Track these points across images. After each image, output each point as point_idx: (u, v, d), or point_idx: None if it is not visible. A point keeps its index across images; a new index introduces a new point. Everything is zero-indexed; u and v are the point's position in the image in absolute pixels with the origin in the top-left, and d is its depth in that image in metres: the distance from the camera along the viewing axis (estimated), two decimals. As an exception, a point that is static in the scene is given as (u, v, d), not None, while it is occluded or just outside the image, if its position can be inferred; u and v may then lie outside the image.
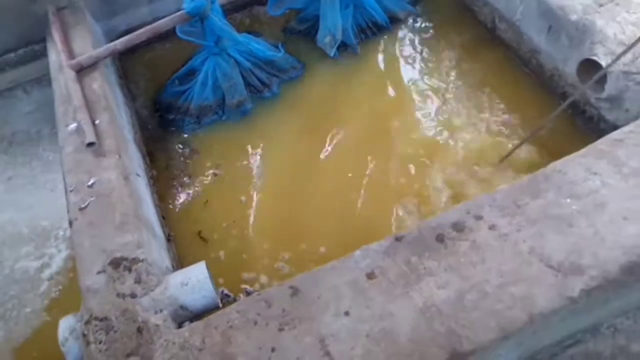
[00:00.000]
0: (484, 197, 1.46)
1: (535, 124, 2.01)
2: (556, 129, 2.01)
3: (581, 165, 1.47)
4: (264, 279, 1.87)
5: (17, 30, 2.39)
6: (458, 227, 1.40)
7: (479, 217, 1.40)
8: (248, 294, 1.83)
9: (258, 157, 2.19)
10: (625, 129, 1.55)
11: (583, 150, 1.51)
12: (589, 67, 1.82)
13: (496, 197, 1.44)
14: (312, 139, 2.18)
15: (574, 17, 1.84)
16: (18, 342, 1.83)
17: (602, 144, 1.51)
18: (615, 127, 1.82)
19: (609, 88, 1.76)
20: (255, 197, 2.07)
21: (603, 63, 1.74)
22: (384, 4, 2.41)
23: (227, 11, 2.27)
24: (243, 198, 2.08)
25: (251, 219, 2.01)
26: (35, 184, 2.24)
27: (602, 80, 1.77)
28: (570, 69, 1.94)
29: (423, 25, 2.46)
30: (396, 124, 2.16)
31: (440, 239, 1.38)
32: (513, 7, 2.14)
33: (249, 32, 2.48)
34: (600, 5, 1.84)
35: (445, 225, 1.40)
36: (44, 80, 2.27)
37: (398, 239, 1.40)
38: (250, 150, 2.24)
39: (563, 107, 1.77)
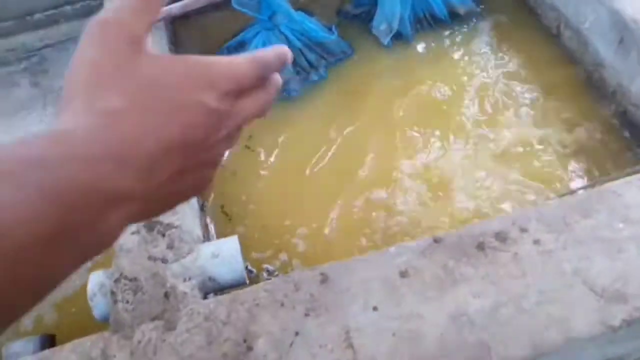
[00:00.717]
0: (531, 210, 1.40)
1: (590, 139, 1.93)
2: (609, 143, 1.92)
3: (639, 189, 1.40)
4: (284, 256, 1.85)
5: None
6: (501, 236, 1.35)
7: (524, 230, 1.35)
8: (268, 272, 1.83)
9: (294, 134, 2.16)
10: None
11: None
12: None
13: (544, 211, 1.39)
14: (352, 123, 2.14)
15: (649, 33, 1.74)
16: (59, 298, 1.87)
17: (665, 170, 1.44)
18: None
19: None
20: (280, 175, 2.05)
21: (675, 84, 1.64)
22: (444, -3, 2.33)
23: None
24: (267, 173, 2.06)
25: (273, 195, 2.00)
26: None
27: (670, 103, 1.68)
28: (636, 87, 1.84)
29: (483, 24, 2.36)
30: (438, 120, 2.10)
31: (480, 246, 1.33)
32: (582, 15, 2.03)
33: (303, 10, 2.44)
34: (680, 23, 1.73)
35: (487, 234, 1.35)
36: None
37: (437, 240, 1.36)
38: (286, 127, 2.21)
39: None
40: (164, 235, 1.48)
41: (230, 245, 1.45)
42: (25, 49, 2.64)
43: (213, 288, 1.44)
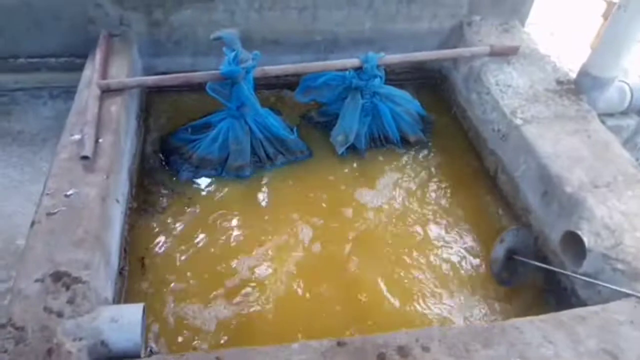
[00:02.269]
0: (436, 330, 1.43)
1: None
2: (526, 288, 2.02)
3: (539, 330, 1.46)
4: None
5: (68, 40, 2.56)
6: (403, 352, 1.36)
7: (426, 349, 1.37)
8: (151, 352, 1.71)
9: (234, 220, 2.19)
10: (592, 308, 1.56)
11: (545, 316, 1.51)
12: (573, 240, 1.86)
13: (449, 333, 1.41)
14: (290, 222, 2.20)
15: (568, 189, 1.93)
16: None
17: (565, 315, 1.51)
18: (584, 305, 1.82)
19: (587, 266, 1.78)
20: (216, 256, 2.04)
21: (585, 240, 1.79)
22: (399, 123, 2.55)
23: (258, 85, 2.42)
24: (197, 252, 2.05)
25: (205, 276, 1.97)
26: (20, 192, 2.15)
27: (582, 256, 1.81)
28: (555, 235, 1.99)
29: (429, 154, 2.58)
30: (373, 232, 2.19)
31: (381, 357, 1.33)
32: (516, 164, 2.25)
33: (271, 108, 2.62)
34: (595, 187, 1.93)
35: (391, 346, 1.36)
36: (72, 92, 2.35)
37: (340, 344, 1.36)
38: (228, 212, 2.24)
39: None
40: (68, 288, 1.43)
41: (132, 312, 1.40)
42: (-1, 87, 2.70)
43: (104, 354, 1.36)
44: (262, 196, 2.33)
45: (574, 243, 1.86)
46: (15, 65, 2.63)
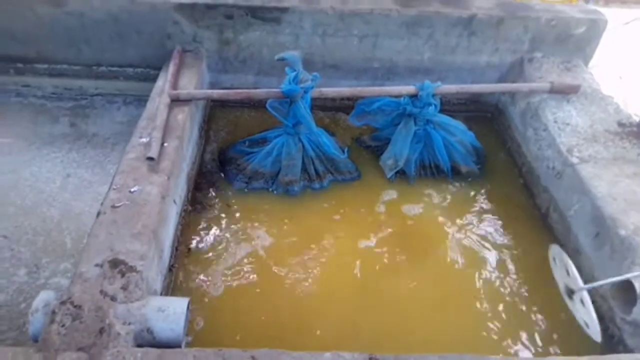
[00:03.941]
0: (468, 358, 1.41)
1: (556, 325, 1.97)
2: (572, 332, 1.94)
3: (580, 372, 1.41)
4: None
5: (145, 52, 2.79)
6: (433, 374, 1.35)
7: (457, 374, 1.36)
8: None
9: (280, 233, 2.26)
10: (637, 356, 1.49)
11: (587, 358, 1.45)
12: (624, 286, 1.79)
13: (483, 363, 1.40)
14: (336, 240, 2.24)
15: (622, 232, 1.86)
16: None
17: (608, 359, 1.45)
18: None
19: (637, 313, 1.71)
20: (256, 267, 2.12)
21: (637, 286, 1.71)
22: (451, 153, 2.56)
23: (315, 106, 2.51)
24: (245, 262, 2.13)
25: (246, 285, 2.05)
26: (89, 192, 2.31)
27: (632, 303, 1.73)
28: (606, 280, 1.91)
29: (480, 188, 2.55)
30: (415, 258, 2.19)
31: (411, 377, 1.34)
32: (569, 203, 2.19)
33: (325, 129, 2.71)
34: (652, 233, 1.85)
35: (421, 367, 1.36)
36: (144, 100, 2.55)
37: (372, 359, 1.38)
38: (277, 223, 2.32)
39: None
40: (123, 275, 1.54)
41: (178, 304, 1.49)
42: (80, 92, 2.96)
43: (148, 340, 1.45)
44: (304, 213, 2.38)
45: (625, 289, 1.79)
46: (97, 72, 2.89)
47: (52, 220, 2.13)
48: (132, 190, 1.87)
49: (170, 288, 1.94)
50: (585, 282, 2.03)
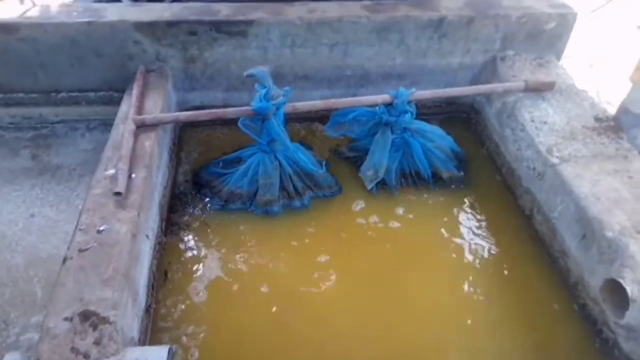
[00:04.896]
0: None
1: (547, 329, 1.94)
2: (573, 341, 1.91)
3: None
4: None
5: (107, 75, 2.66)
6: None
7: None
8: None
9: (260, 256, 2.18)
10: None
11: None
12: (614, 288, 1.76)
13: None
14: (315, 261, 2.17)
15: (609, 234, 1.84)
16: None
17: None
18: (628, 359, 1.72)
19: (629, 317, 1.68)
20: (239, 291, 2.03)
21: (628, 289, 1.69)
22: (430, 159, 2.51)
23: (289, 118, 2.44)
24: (227, 286, 2.04)
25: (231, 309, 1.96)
26: (55, 232, 2.15)
27: (625, 306, 1.70)
28: (595, 282, 1.89)
29: (463, 192, 2.51)
30: (403, 272, 2.14)
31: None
32: (552, 204, 2.16)
33: (301, 143, 2.63)
34: (638, 232, 1.83)
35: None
36: (109, 124, 2.43)
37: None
38: (258, 245, 2.23)
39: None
40: (95, 328, 1.44)
41: (157, 355, 1.40)
42: (40, 120, 2.81)
43: (127, 398, 1.36)
44: (286, 233, 2.30)
45: (616, 292, 1.76)
46: (57, 99, 2.75)
47: (18, 268, 1.99)
48: (99, 229, 1.76)
49: (150, 329, 1.84)
50: (575, 284, 2.01)
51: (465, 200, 2.48)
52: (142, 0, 2.89)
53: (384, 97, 2.43)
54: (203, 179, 2.51)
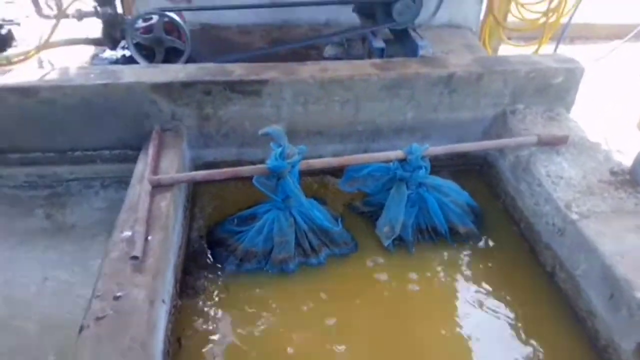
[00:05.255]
0: None
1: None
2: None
3: None
4: None
5: (122, 134, 2.69)
6: None
7: None
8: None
9: (276, 319, 2.13)
10: None
11: None
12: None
13: None
14: (331, 322, 2.12)
15: (639, 295, 1.78)
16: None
17: None
18: None
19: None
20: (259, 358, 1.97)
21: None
22: (447, 214, 2.49)
23: (302, 171, 2.43)
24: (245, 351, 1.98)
25: None
26: (71, 296, 2.10)
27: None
28: (627, 345, 1.82)
29: (481, 249, 2.47)
30: (417, 336, 2.08)
31: None
32: (575, 262, 2.12)
33: (315, 197, 2.62)
34: (668, 292, 1.78)
35: None
36: (124, 182, 2.43)
37: None
38: (276, 306, 2.18)
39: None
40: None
41: None
42: (55, 178, 2.82)
43: None
44: (303, 292, 2.25)
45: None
46: (72, 157, 2.77)
47: (31, 335, 1.94)
48: (116, 296, 1.72)
49: (165, 399, 1.77)
50: (605, 348, 1.94)
51: (483, 255, 2.44)
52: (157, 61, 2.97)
53: (398, 153, 2.45)
54: (217, 237, 2.49)
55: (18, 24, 3.40)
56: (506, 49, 4.51)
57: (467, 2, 4.01)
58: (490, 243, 2.50)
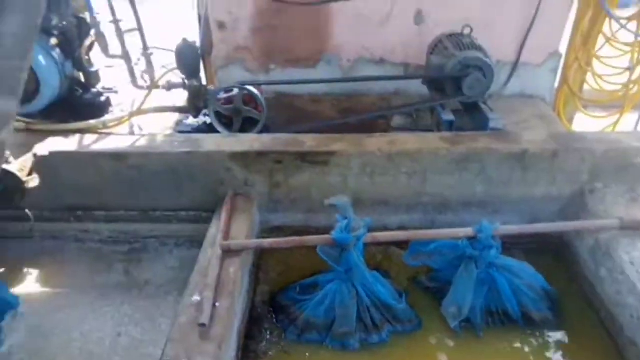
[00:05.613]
0: None
1: None
2: None
3: None
4: None
5: (199, 197, 2.86)
6: None
7: None
8: None
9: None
10: None
11: None
12: None
13: None
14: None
15: None
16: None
17: None
18: None
19: None
20: None
21: None
22: (519, 298, 2.36)
23: (366, 244, 2.43)
24: None
25: None
26: (139, 353, 2.19)
27: None
28: None
29: (556, 336, 2.31)
30: None
31: None
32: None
33: (379, 269, 2.60)
34: None
35: None
36: (196, 242, 2.56)
37: None
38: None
39: None
40: None
41: None
42: (135, 235, 3.02)
43: None
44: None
45: None
46: (152, 217, 2.97)
47: (102, 392, 2.05)
48: (183, 363, 1.78)
49: None
50: None
51: (560, 345, 2.27)
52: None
53: (467, 231, 2.39)
54: (280, 304, 2.52)
55: (116, 92, 3.80)
56: (583, 119, 4.35)
57: (540, 72, 3.96)
58: (567, 332, 2.33)
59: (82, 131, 3.25)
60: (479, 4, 3.65)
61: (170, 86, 3.35)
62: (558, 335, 2.32)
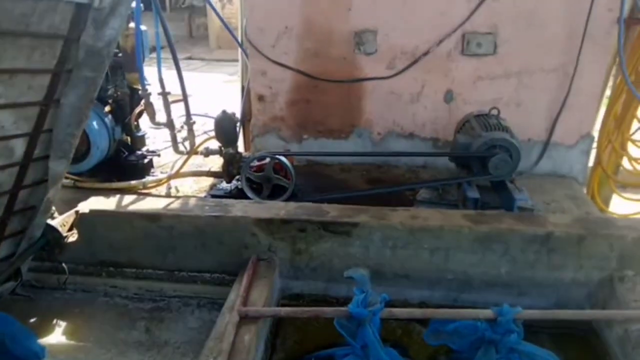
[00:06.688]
0: None
1: None
2: None
3: None
4: None
5: (224, 260, 2.94)
6: None
7: None
8: None
9: None
10: None
11: None
12: None
13: None
14: None
15: None
16: None
17: None
18: None
19: None
20: None
21: None
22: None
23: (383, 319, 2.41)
24: None
25: None
26: None
27: None
28: None
29: None
30: None
31: None
32: None
33: (397, 344, 2.54)
34: None
35: None
36: (217, 304, 2.60)
37: None
38: None
39: None
40: None
41: None
42: (160, 293, 3.11)
43: None
44: None
45: None
46: (178, 276, 3.06)
47: None
48: None
49: None
50: None
51: None
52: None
53: (486, 313, 2.34)
54: (294, 376, 2.49)
55: (158, 155, 4.07)
56: (620, 202, 4.25)
57: (572, 152, 3.96)
58: None
59: (123, 190, 3.47)
60: (510, 86, 3.77)
61: (207, 153, 3.57)
62: None
